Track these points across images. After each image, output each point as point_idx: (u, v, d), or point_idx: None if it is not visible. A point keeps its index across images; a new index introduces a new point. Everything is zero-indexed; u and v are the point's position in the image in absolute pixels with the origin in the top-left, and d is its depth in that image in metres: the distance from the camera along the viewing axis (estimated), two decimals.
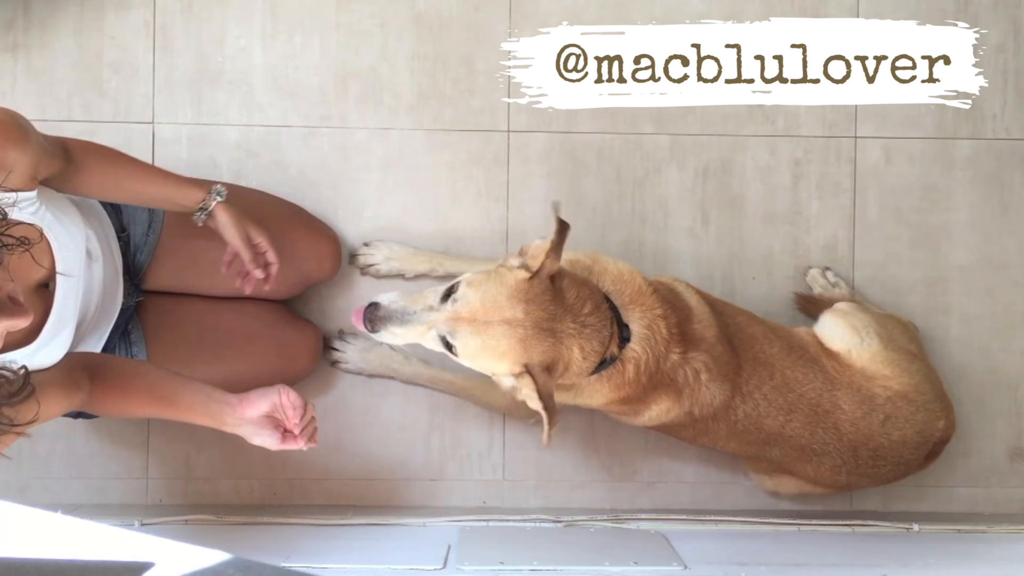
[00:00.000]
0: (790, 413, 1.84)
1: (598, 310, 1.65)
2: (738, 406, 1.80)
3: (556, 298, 1.61)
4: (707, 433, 1.86)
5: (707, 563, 1.73)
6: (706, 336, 1.77)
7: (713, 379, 1.76)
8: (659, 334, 1.71)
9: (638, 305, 1.72)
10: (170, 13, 2.15)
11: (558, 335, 1.61)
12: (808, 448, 1.87)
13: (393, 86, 2.17)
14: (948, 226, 2.21)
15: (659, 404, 1.78)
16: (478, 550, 1.79)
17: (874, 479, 1.96)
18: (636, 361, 1.70)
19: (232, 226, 1.74)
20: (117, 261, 1.80)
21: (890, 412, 1.89)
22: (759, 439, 1.87)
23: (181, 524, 1.95)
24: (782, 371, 1.84)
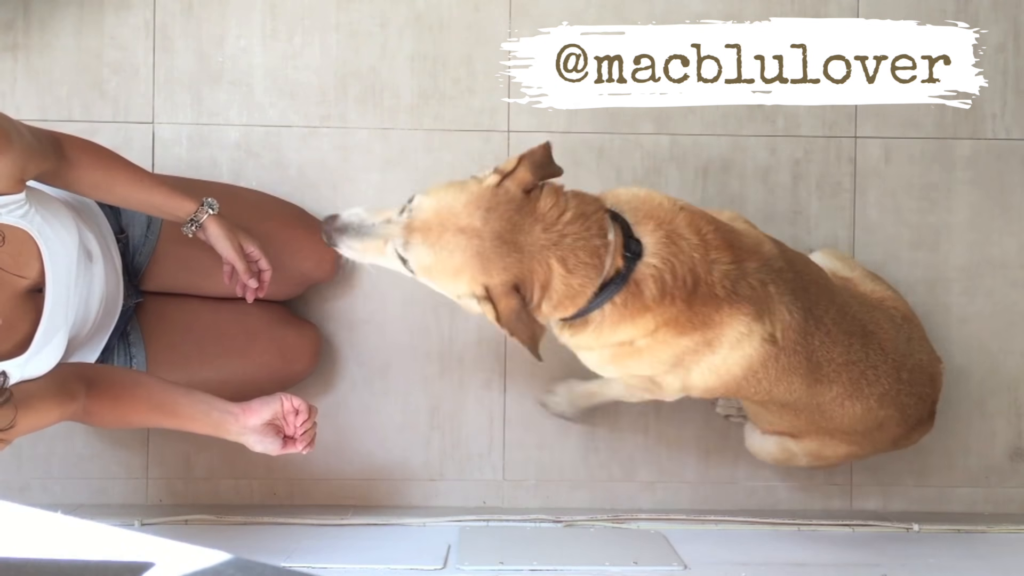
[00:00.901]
0: (851, 336, 1.67)
1: (584, 218, 1.44)
2: (814, 331, 1.61)
3: (527, 208, 1.42)
4: (789, 374, 1.62)
5: (707, 563, 1.73)
6: (761, 250, 1.57)
7: (785, 293, 1.56)
8: (686, 241, 1.48)
9: (653, 219, 1.50)
10: (170, 13, 2.15)
11: (525, 249, 1.40)
12: (862, 376, 1.69)
13: (393, 86, 2.17)
14: (948, 226, 2.21)
15: (734, 323, 1.52)
16: (478, 550, 1.80)
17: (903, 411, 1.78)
18: (657, 276, 1.45)
19: (224, 238, 1.74)
20: (117, 262, 1.80)
21: (910, 333, 1.83)
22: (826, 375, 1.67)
23: (181, 524, 1.95)
24: (837, 294, 1.71)
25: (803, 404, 1.71)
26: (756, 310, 1.52)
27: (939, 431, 2.18)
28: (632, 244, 1.45)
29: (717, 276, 1.49)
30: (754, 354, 1.56)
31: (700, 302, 1.48)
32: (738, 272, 1.51)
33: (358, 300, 2.16)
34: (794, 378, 1.63)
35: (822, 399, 1.70)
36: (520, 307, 1.41)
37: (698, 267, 1.47)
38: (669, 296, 1.46)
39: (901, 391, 1.75)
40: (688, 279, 1.47)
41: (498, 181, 1.44)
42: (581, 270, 1.42)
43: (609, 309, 1.46)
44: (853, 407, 1.72)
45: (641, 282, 1.45)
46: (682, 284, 1.46)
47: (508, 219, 1.41)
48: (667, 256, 1.46)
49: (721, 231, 1.53)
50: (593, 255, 1.42)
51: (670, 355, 1.56)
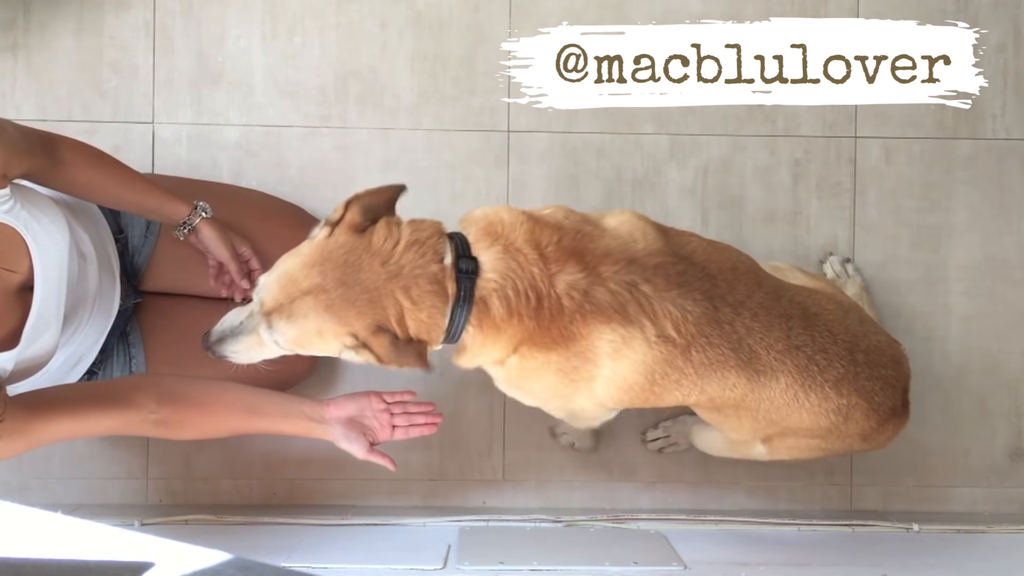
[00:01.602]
0: (789, 319, 1.57)
1: (418, 245, 1.40)
2: (733, 320, 1.51)
3: (362, 247, 1.39)
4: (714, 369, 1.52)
5: (707, 563, 1.73)
6: (626, 250, 1.47)
7: (670, 287, 1.47)
8: (524, 256, 1.41)
9: (491, 235, 1.44)
10: (170, 13, 2.15)
11: (371, 287, 1.37)
12: (811, 361, 1.58)
13: (393, 86, 2.17)
14: (948, 226, 2.21)
15: (604, 336, 1.45)
16: (478, 550, 1.79)
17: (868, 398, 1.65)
18: (500, 291, 1.40)
19: (217, 240, 1.76)
20: (114, 263, 1.80)
21: (861, 315, 1.72)
22: (766, 364, 1.56)
23: (181, 524, 1.95)
24: (766, 278, 1.62)
25: (753, 401, 1.60)
26: (622, 315, 1.44)
27: (939, 431, 2.18)
28: (464, 263, 1.41)
29: (562, 288, 1.42)
30: (647, 358, 1.48)
31: (549, 317, 1.42)
32: (589, 280, 1.43)
33: None
34: (726, 372, 1.53)
35: (771, 392, 1.59)
36: (392, 340, 1.39)
37: (538, 282, 1.41)
38: (516, 314, 1.41)
39: (860, 374, 1.63)
40: (531, 295, 1.41)
41: (328, 233, 1.41)
42: (426, 299, 1.39)
43: (471, 331, 1.43)
44: (808, 397, 1.60)
45: (487, 299, 1.40)
46: (525, 300, 1.41)
47: (345, 264, 1.38)
48: (506, 271, 1.41)
49: (567, 240, 1.45)
50: (433, 282, 1.39)
51: (552, 375, 1.51)
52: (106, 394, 1.54)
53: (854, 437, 1.70)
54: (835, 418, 1.65)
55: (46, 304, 1.53)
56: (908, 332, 2.14)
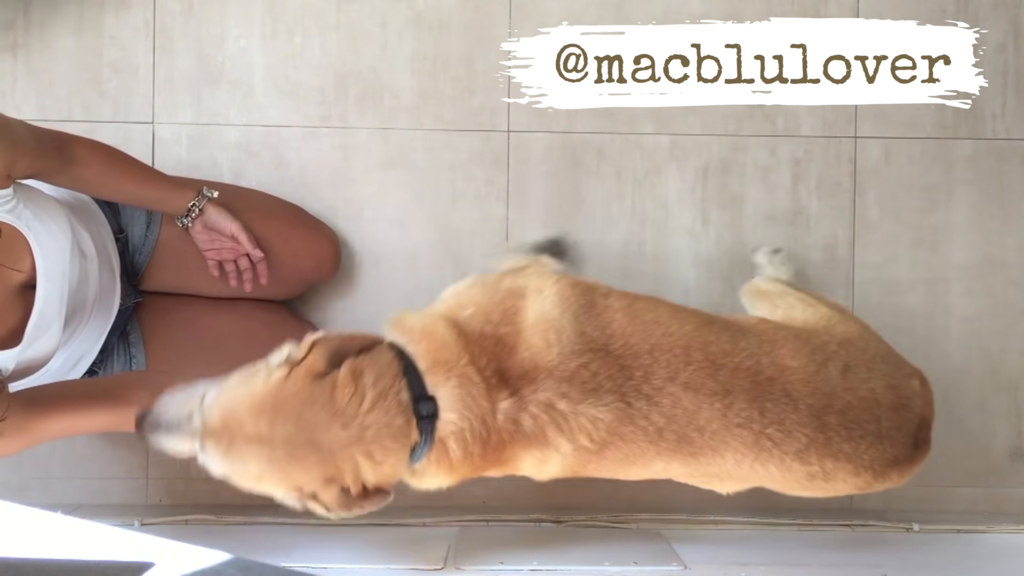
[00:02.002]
0: (727, 395, 1.44)
1: (383, 399, 1.31)
2: (648, 412, 1.41)
3: (321, 399, 1.29)
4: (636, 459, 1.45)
5: (707, 563, 1.73)
6: (542, 362, 1.40)
7: (580, 400, 1.39)
8: (475, 387, 1.36)
9: (442, 365, 1.37)
10: (170, 13, 2.15)
11: (324, 448, 1.29)
12: (762, 436, 1.45)
13: (393, 86, 2.17)
14: (948, 226, 2.21)
15: (526, 459, 1.42)
16: (478, 550, 1.79)
17: (853, 459, 1.51)
18: (459, 433, 1.35)
19: (227, 215, 1.80)
20: (114, 262, 1.80)
21: (848, 360, 1.54)
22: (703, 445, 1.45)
23: (181, 524, 1.95)
24: (702, 349, 1.46)
25: (708, 474, 1.51)
26: (542, 440, 1.39)
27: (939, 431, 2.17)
28: (424, 407, 1.34)
29: (501, 420, 1.37)
30: (563, 465, 1.44)
31: (493, 449, 1.38)
32: (517, 406, 1.37)
33: (358, 300, 2.16)
34: (649, 460, 1.45)
35: (721, 467, 1.48)
36: (342, 492, 1.33)
37: (487, 416, 1.36)
38: (470, 455, 1.37)
39: (832, 439, 1.48)
40: (483, 432, 1.36)
41: (286, 374, 1.30)
42: (391, 456, 1.32)
43: (425, 464, 1.38)
44: (767, 468, 1.48)
45: (445, 441, 1.35)
46: (480, 440, 1.36)
47: (299, 419, 1.28)
48: (463, 411, 1.35)
49: (495, 362, 1.39)
50: (399, 436, 1.32)
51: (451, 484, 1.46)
52: (103, 391, 1.54)
53: (850, 488, 1.57)
54: (813, 481, 1.53)
55: (48, 303, 1.54)
56: (908, 332, 2.14)
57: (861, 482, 1.55)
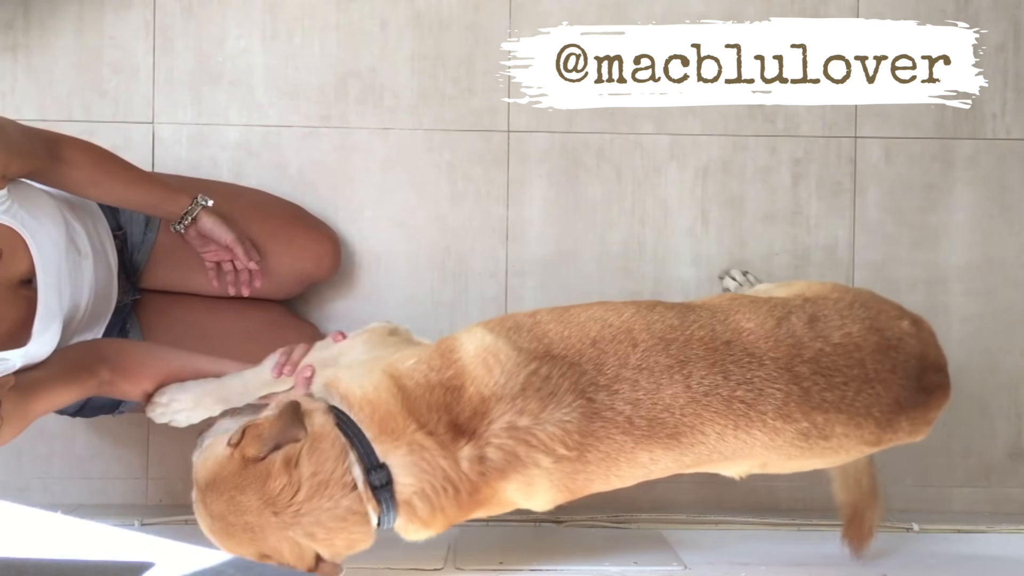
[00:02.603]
0: (684, 366, 1.39)
1: (323, 487, 1.32)
2: (612, 402, 1.38)
3: (254, 486, 1.31)
4: (618, 455, 1.41)
5: (707, 563, 1.73)
6: (488, 392, 1.38)
7: (540, 409, 1.37)
8: (428, 452, 1.35)
9: (385, 431, 1.36)
10: (170, 13, 2.15)
11: (258, 530, 1.31)
12: (732, 399, 1.39)
13: (393, 86, 2.17)
14: (948, 226, 2.21)
15: (508, 489, 1.40)
16: (478, 550, 1.79)
17: (843, 408, 1.43)
18: (421, 494, 1.35)
19: (221, 224, 1.78)
20: (111, 259, 1.80)
21: (815, 311, 1.48)
22: (677, 424, 1.39)
23: (181, 524, 1.95)
24: (646, 330, 1.42)
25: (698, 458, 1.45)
26: (517, 463, 1.38)
27: (939, 431, 2.17)
28: (375, 477, 1.34)
29: (465, 468, 1.36)
30: (552, 481, 1.42)
31: (467, 496, 1.37)
32: (478, 446, 1.36)
33: (358, 300, 2.16)
34: (632, 454, 1.41)
35: (708, 446, 1.42)
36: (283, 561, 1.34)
37: (449, 472, 1.35)
38: (440, 509, 1.37)
39: (812, 389, 1.41)
40: (447, 487, 1.36)
41: (228, 454, 1.33)
42: (339, 534, 1.34)
43: (399, 523, 1.39)
44: (751, 435, 1.42)
45: (410, 502, 1.36)
46: (445, 493, 1.36)
47: (230, 501, 1.31)
48: (419, 474, 1.35)
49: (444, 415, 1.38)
50: (346, 516, 1.34)
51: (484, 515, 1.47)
52: (76, 366, 1.56)
53: (859, 444, 1.49)
54: (810, 440, 1.45)
55: (48, 297, 1.54)
56: None
57: (867, 434, 1.47)
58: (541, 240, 2.18)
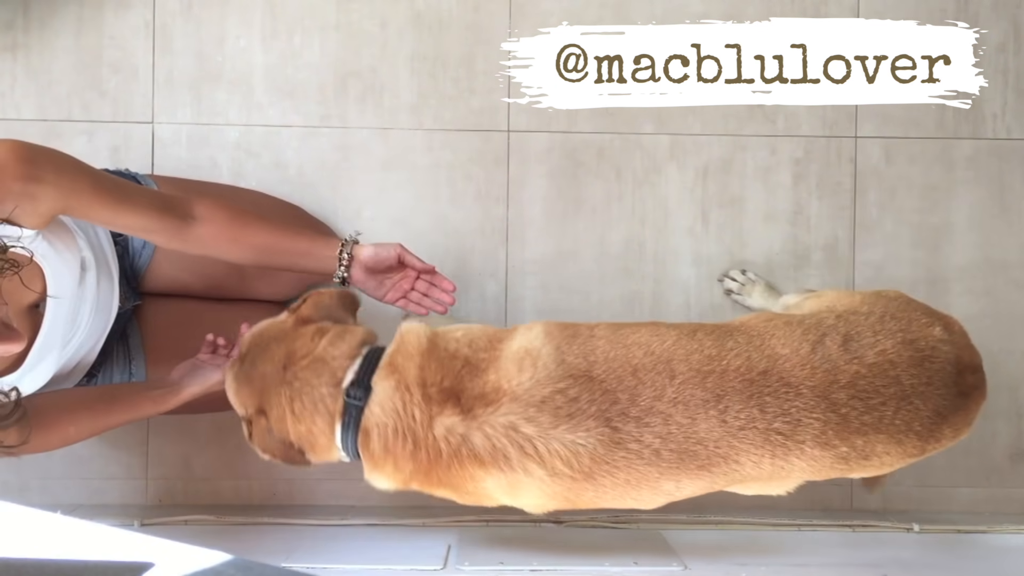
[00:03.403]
0: (720, 400, 1.39)
1: (320, 363, 1.42)
2: (640, 434, 1.38)
3: (286, 341, 1.45)
4: (639, 483, 1.43)
5: (707, 563, 1.73)
6: (507, 386, 1.39)
7: (552, 426, 1.37)
8: (408, 397, 1.39)
9: (390, 365, 1.42)
10: (170, 13, 2.15)
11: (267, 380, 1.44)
12: (770, 431, 1.39)
13: (393, 86, 2.17)
14: (948, 226, 2.21)
15: (486, 481, 1.40)
16: (478, 550, 1.79)
17: (882, 429, 1.42)
18: (381, 428, 1.39)
19: (379, 245, 1.68)
20: (112, 267, 1.78)
21: (848, 330, 1.47)
22: (710, 456, 1.41)
23: (181, 524, 1.95)
24: (684, 360, 1.42)
25: (731, 482, 1.47)
26: (501, 462, 1.38)
27: None
28: (354, 391, 1.40)
29: (439, 433, 1.37)
30: (550, 490, 1.42)
31: (427, 462, 1.39)
32: (466, 423, 1.37)
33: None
34: (656, 482, 1.42)
35: (743, 473, 1.43)
36: (268, 429, 1.42)
37: (417, 427, 1.38)
38: (392, 454, 1.39)
39: (849, 415, 1.41)
40: (408, 438, 1.38)
41: (286, 317, 1.50)
42: (307, 417, 1.41)
43: (363, 455, 1.42)
44: (790, 462, 1.42)
45: (370, 431, 1.39)
46: (403, 442, 1.38)
47: (264, 349, 1.45)
48: (390, 409, 1.38)
49: (449, 380, 1.40)
50: (317, 403, 1.41)
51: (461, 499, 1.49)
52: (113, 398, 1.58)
53: (901, 458, 1.48)
54: (848, 463, 1.45)
55: (54, 326, 1.53)
56: None
57: (910, 448, 1.46)
58: (541, 240, 2.18)
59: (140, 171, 1.93)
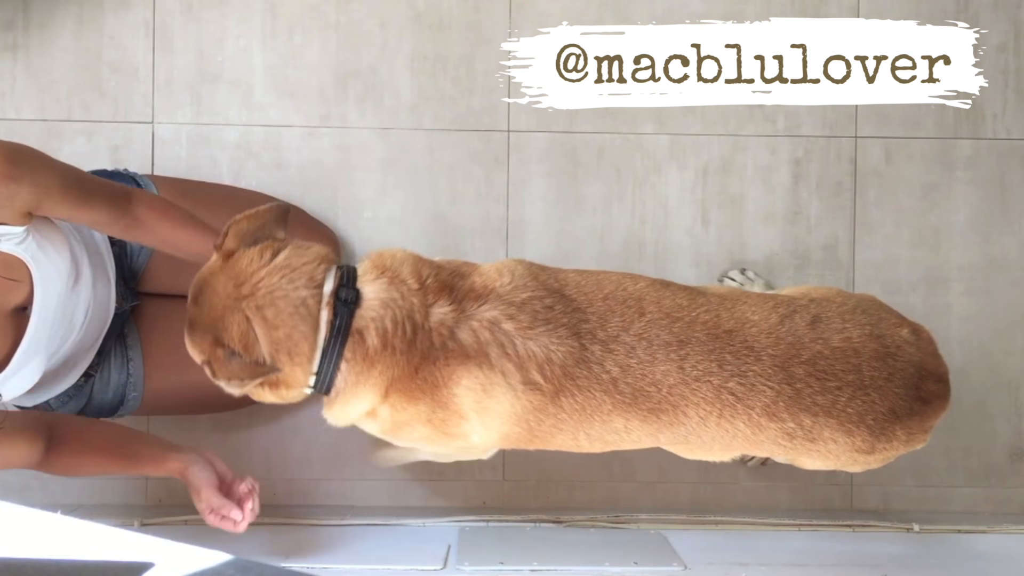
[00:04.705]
0: (683, 346, 1.39)
1: (288, 269, 1.34)
2: (603, 358, 1.38)
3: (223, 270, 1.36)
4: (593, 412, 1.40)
5: (707, 563, 1.73)
6: (493, 285, 1.39)
7: (530, 326, 1.36)
8: (406, 286, 1.36)
9: (378, 267, 1.39)
10: (170, 13, 2.15)
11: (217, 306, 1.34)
12: (722, 389, 1.39)
13: (393, 86, 2.17)
14: (948, 226, 2.21)
15: (462, 381, 1.36)
16: (478, 550, 1.79)
17: (833, 413, 1.43)
18: (378, 321, 1.33)
19: None
20: (109, 268, 1.78)
21: (818, 312, 1.48)
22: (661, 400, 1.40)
23: (181, 524, 1.95)
24: (655, 303, 1.43)
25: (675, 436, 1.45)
26: (482, 359, 1.36)
27: (939, 431, 2.17)
28: (345, 292, 1.34)
29: (434, 322, 1.35)
30: (515, 408, 1.38)
31: (420, 355, 1.35)
32: (456, 316, 1.36)
33: None
34: (607, 416, 1.40)
35: (687, 427, 1.42)
36: (229, 355, 1.33)
37: (415, 312, 1.35)
38: (390, 346, 1.34)
39: (803, 391, 1.41)
40: (407, 325, 1.34)
41: (215, 256, 1.39)
42: (286, 321, 1.32)
43: (344, 369, 1.34)
44: (735, 425, 1.42)
45: (364, 331, 1.33)
46: (402, 332, 1.34)
47: (205, 289, 1.36)
48: (387, 300, 1.35)
49: (444, 274, 1.41)
50: (298, 306, 1.32)
51: (423, 427, 1.42)
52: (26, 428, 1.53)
53: (847, 450, 1.49)
54: (793, 442, 1.45)
55: (39, 330, 1.52)
56: None
57: (858, 442, 1.47)
58: (541, 240, 2.18)
59: (139, 171, 1.93)
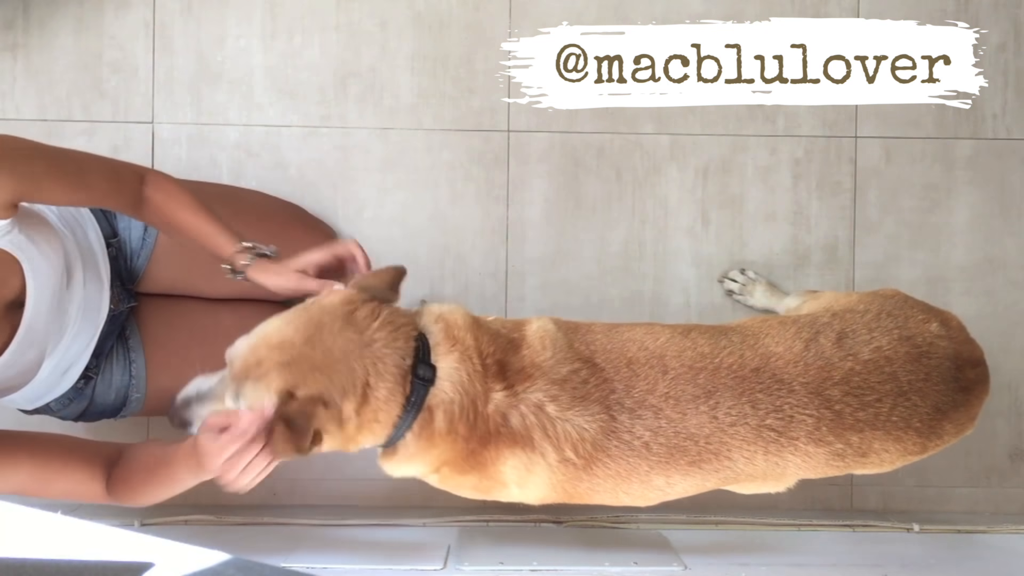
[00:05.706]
0: (711, 395, 1.40)
1: (392, 326, 1.36)
2: (632, 425, 1.40)
3: (341, 315, 1.35)
4: (629, 475, 1.43)
5: (707, 563, 1.73)
6: (539, 361, 1.41)
7: (569, 406, 1.39)
8: (472, 368, 1.37)
9: (450, 339, 1.40)
10: (170, 13, 2.15)
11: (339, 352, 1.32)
12: (762, 428, 1.40)
13: (393, 86, 2.17)
14: (948, 226, 2.21)
15: (508, 462, 1.40)
16: (478, 550, 1.79)
17: (878, 425, 1.42)
18: (446, 406, 1.36)
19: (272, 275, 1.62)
20: (102, 268, 1.77)
21: (842, 328, 1.48)
22: (700, 452, 1.41)
23: (181, 524, 1.95)
24: (677, 357, 1.44)
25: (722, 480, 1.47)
26: (528, 442, 1.39)
27: None
28: (423, 370, 1.36)
29: (492, 408, 1.37)
30: (551, 479, 1.43)
31: (476, 439, 1.38)
32: (509, 401, 1.38)
33: None
34: (646, 476, 1.43)
35: (735, 471, 1.43)
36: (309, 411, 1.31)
37: (478, 400, 1.37)
38: (453, 432, 1.36)
39: (844, 412, 1.41)
40: (471, 413, 1.36)
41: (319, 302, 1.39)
42: (389, 378, 1.33)
43: (409, 439, 1.37)
44: (784, 458, 1.42)
45: (435, 409, 1.36)
46: (466, 418, 1.36)
47: (320, 324, 1.33)
48: (458, 383, 1.36)
49: (499, 352, 1.42)
50: (398, 365, 1.34)
51: (469, 490, 1.47)
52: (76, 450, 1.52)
53: (902, 455, 1.48)
54: (845, 460, 1.45)
55: (34, 324, 1.51)
56: None
57: (911, 445, 1.46)
58: (541, 240, 2.18)
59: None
